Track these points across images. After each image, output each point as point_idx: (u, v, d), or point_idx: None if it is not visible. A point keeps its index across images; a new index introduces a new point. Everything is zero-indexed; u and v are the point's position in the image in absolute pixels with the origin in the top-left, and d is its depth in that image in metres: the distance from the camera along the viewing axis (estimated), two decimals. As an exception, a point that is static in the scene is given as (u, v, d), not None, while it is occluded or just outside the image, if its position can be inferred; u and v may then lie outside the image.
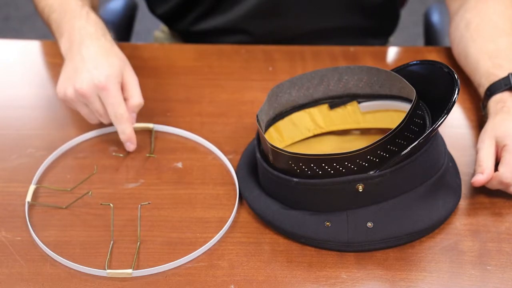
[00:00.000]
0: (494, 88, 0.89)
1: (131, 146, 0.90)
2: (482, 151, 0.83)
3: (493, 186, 0.82)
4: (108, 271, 0.75)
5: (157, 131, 0.94)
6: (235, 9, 1.14)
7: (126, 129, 0.88)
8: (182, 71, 1.05)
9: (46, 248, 0.78)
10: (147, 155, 0.91)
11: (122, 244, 0.79)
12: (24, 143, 0.93)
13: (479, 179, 0.81)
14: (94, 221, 0.82)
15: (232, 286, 0.74)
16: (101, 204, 0.82)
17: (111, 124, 0.91)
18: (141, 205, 0.80)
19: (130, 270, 0.75)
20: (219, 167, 0.89)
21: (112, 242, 0.79)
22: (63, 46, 0.93)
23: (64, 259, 0.76)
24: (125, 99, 0.89)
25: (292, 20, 1.14)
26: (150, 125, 0.94)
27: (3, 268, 0.76)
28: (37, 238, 0.79)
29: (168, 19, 1.24)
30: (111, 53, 0.90)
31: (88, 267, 0.76)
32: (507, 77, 0.88)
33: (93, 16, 0.94)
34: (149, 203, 0.81)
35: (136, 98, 0.89)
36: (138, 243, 0.79)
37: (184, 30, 1.22)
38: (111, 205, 0.80)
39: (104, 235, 0.80)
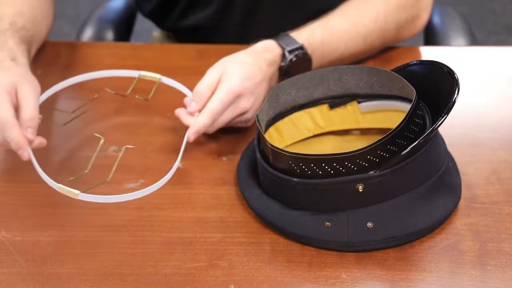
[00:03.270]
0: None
1: (23, 154, 0.81)
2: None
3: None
4: (59, 185, 0.77)
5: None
6: (216, 1, 1.15)
7: (13, 135, 0.80)
8: (182, 71, 1.05)
9: (46, 248, 0.78)
10: (137, 96, 0.92)
11: (122, 244, 0.79)
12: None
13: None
14: (94, 221, 0.82)
15: (232, 286, 0.74)
16: (94, 134, 0.83)
17: (6, 145, 0.83)
18: (125, 147, 0.82)
19: (77, 191, 0.77)
20: (219, 167, 0.89)
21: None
22: None
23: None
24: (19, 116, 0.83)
25: (277, 8, 1.15)
26: (157, 76, 0.95)
27: (3, 268, 0.76)
28: (37, 238, 0.79)
29: (156, 17, 1.24)
30: (7, 70, 0.86)
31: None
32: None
33: (10, 42, 0.91)
34: (134, 147, 0.83)
35: (28, 112, 0.82)
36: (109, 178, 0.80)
37: (172, 28, 1.23)
38: (102, 138, 0.83)
39: (104, 235, 0.80)
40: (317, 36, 0.97)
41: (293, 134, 0.90)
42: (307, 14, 1.05)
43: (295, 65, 0.94)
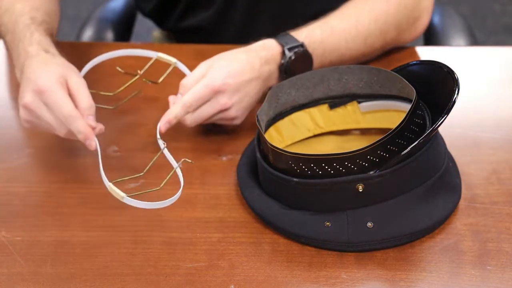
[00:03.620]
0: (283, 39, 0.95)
1: (92, 143, 0.83)
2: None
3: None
4: (110, 184, 0.77)
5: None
6: (217, 2, 1.15)
7: (80, 127, 0.82)
8: (181, 71, 1.05)
9: (46, 248, 0.78)
10: (144, 79, 0.91)
11: (122, 244, 0.79)
12: (24, 143, 0.93)
13: None
14: (94, 221, 0.82)
15: (232, 286, 0.74)
16: (157, 138, 0.84)
17: (72, 136, 0.85)
18: (184, 160, 0.81)
19: (123, 194, 0.76)
20: (219, 167, 0.89)
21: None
22: (17, 74, 0.91)
23: None
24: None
25: (277, 9, 1.15)
26: (173, 60, 0.96)
27: (3, 268, 0.76)
28: (37, 238, 0.79)
29: (156, 16, 1.25)
30: (50, 63, 0.87)
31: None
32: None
33: (36, 36, 0.92)
34: (192, 162, 0.82)
35: (85, 101, 0.84)
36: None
37: (172, 28, 1.23)
38: (165, 144, 0.83)
39: (104, 235, 0.80)
40: (317, 35, 0.97)
41: (293, 134, 0.90)
42: (308, 16, 1.05)
43: (296, 63, 0.94)
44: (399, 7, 1.03)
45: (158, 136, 0.86)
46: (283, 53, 0.94)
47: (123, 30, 1.35)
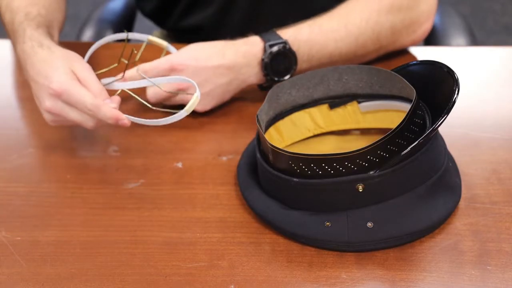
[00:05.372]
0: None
1: (124, 122, 0.83)
2: None
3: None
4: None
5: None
6: (217, 1, 1.15)
7: (107, 113, 0.82)
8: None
9: (46, 248, 0.78)
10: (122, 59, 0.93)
11: (122, 244, 0.79)
12: (24, 143, 0.93)
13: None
14: (94, 221, 0.82)
15: (232, 286, 0.74)
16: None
17: (100, 125, 0.87)
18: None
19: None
20: (219, 167, 0.89)
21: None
22: (24, 74, 0.91)
23: None
24: None
25: (279, 9, 1.15)
26: (164, 43, 1.00)
27: (3, 268, 0.76)
28: (37, 238, 0.79)
29: (156, 16, 1.25)
30: (50, 58, 0.86)
31: None
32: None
33: (28, 31, 0.91)
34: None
35: (95, 87, 0.84)
36: None
37: (173, 27, 1.23)
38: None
39: (104, 235, 0.80)
40: (304, 33, 0.97)
41: (293, 134, 0.90)
42: (308, 14, 1.05)
43: (277, 59, 0.94)
44: (392, 8, 1.02)
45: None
46: (265, 49, 0.94)
47: (123, 30, 1.35)
